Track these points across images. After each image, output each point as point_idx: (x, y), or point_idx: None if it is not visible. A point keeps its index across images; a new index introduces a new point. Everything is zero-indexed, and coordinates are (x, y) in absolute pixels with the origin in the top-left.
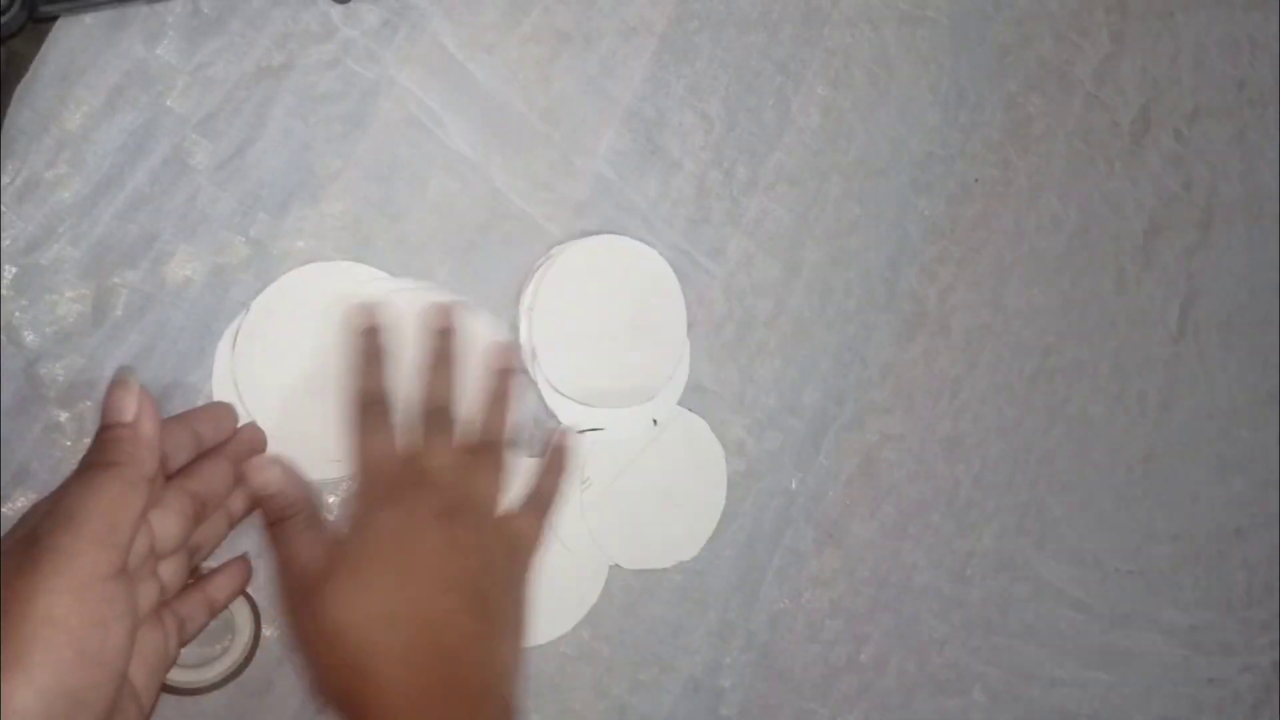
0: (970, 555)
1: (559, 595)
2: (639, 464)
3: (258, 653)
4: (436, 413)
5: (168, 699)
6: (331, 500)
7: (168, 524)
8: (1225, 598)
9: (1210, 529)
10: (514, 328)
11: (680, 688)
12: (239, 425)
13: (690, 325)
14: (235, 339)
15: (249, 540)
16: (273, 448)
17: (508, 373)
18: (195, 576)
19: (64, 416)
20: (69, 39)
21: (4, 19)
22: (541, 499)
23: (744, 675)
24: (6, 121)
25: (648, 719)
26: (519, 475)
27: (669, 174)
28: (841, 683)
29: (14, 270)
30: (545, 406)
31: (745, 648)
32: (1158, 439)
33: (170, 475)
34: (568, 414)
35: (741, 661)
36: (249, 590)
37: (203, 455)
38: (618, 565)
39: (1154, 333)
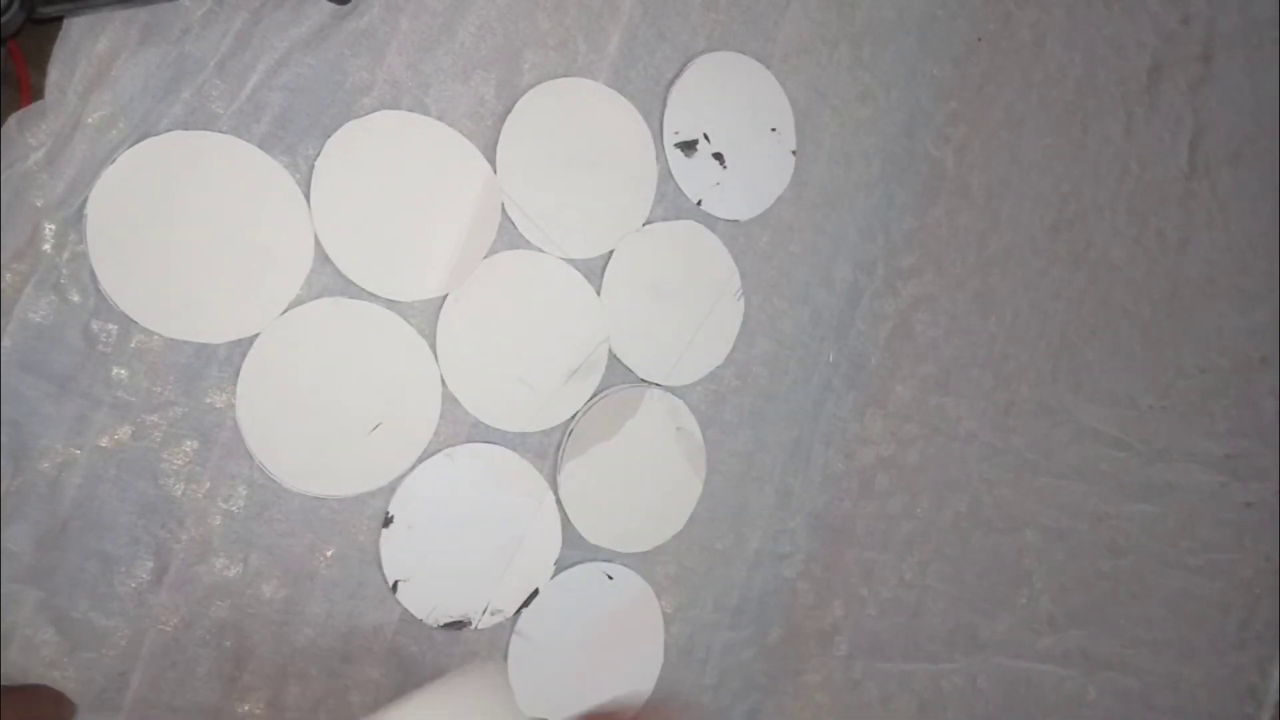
0: (1010, 404)
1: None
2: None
3: None
4: None
5: None
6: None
7: None
8: (1256, 424)
9: (1236, 360)
10: None
11: (752, 556)
12: None
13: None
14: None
15: None
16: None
17: None
18: None
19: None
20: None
21: (2, 19)
22: None
23: (800, 540)
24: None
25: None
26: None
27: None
28: (900, 530)
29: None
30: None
31: (803, 512)
32: (1179, 276)
33: None
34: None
35: (796, 526)
36: None
37: None
38: None
39: (1166, 171)
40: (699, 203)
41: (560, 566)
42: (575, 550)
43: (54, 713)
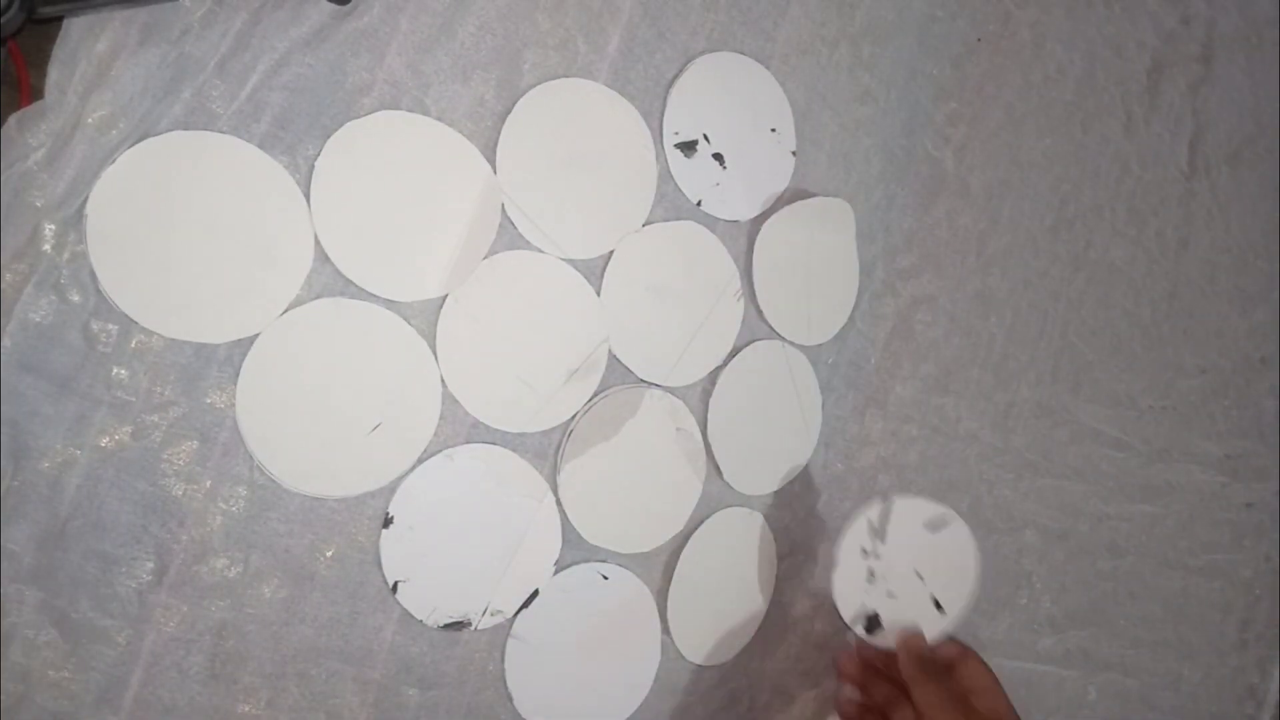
0: (1010, 405)
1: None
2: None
3: None
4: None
5: None
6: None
7: None
8: (1256, 425)
9: (1236, 360)
10: None
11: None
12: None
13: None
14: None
15: None
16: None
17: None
18: None
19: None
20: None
21: (2, 19)
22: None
23: (797, 536)
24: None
25: None
26: None
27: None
28: None
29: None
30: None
31: (803, 512)
32: (1178, 276)
33: None
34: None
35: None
36: None
37: None
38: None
39: (1166, 171)
40: (699, 203)
41: (560, 567)
42: (575, 550)
43: None
